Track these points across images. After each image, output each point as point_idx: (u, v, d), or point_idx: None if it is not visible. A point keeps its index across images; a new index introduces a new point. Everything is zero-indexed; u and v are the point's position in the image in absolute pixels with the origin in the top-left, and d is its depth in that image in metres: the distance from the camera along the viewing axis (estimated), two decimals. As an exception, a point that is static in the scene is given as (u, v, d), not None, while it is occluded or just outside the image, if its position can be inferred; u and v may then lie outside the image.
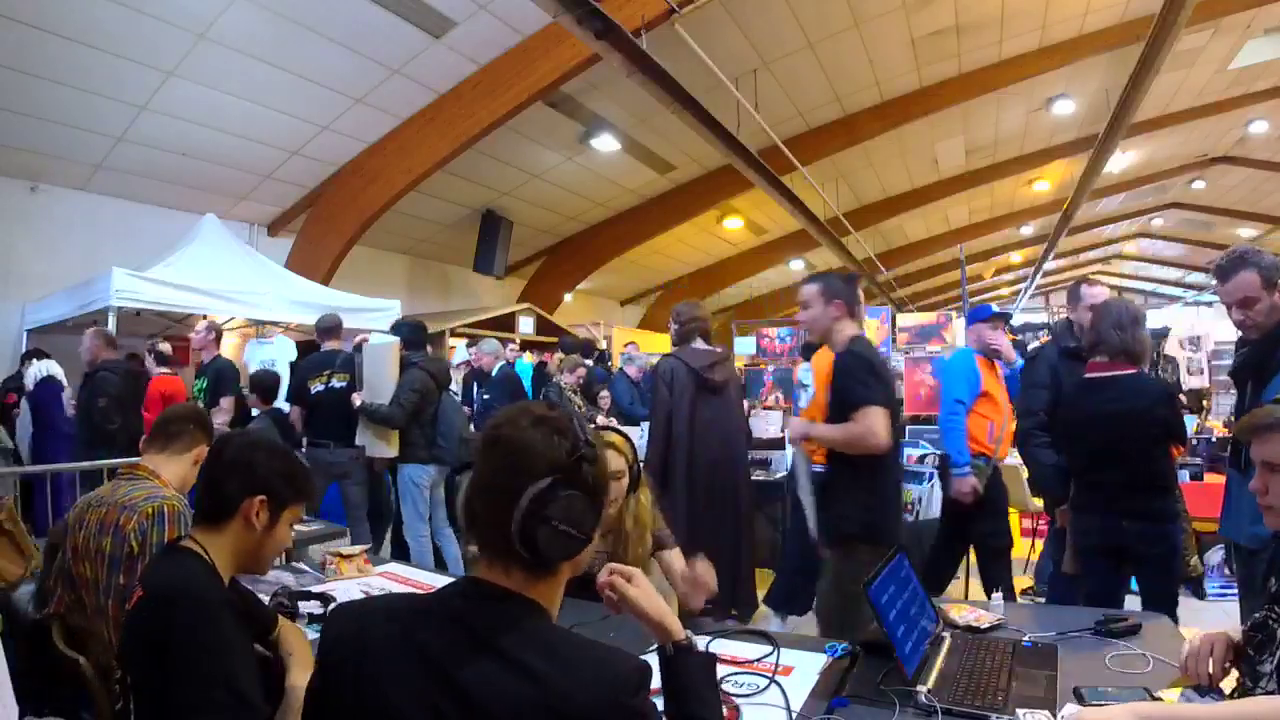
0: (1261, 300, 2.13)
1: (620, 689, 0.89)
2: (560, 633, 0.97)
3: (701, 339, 3.92)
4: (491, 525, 0.96)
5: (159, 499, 1.78)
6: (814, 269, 16.52)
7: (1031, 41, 7.77)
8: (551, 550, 0.95)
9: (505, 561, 0.98)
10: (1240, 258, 2.20)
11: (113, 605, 1.71)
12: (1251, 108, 9.93)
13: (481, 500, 0.99)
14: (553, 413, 1.02)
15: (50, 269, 6.08)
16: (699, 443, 3.69)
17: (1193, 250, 18.40)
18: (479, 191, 8.83)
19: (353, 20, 5.37)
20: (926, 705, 1.36)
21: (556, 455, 0.97)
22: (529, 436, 0.97)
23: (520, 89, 6.13)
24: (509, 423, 1.00)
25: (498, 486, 0.96)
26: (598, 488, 1.01)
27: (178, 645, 1.20)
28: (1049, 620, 1.79)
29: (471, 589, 0.99)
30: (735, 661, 1.63)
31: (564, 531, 0.95)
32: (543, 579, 0.99)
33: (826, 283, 2.66)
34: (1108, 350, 2.61)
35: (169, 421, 2.01)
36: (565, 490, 0.95)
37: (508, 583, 0.97)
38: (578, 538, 0.97)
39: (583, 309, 13.38)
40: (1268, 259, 2.17)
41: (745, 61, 6.88)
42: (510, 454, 0.97)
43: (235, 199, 7.39)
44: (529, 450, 0.96)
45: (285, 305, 6.03)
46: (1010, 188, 13.14)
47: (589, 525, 0.98)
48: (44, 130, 5.68)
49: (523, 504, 0.93)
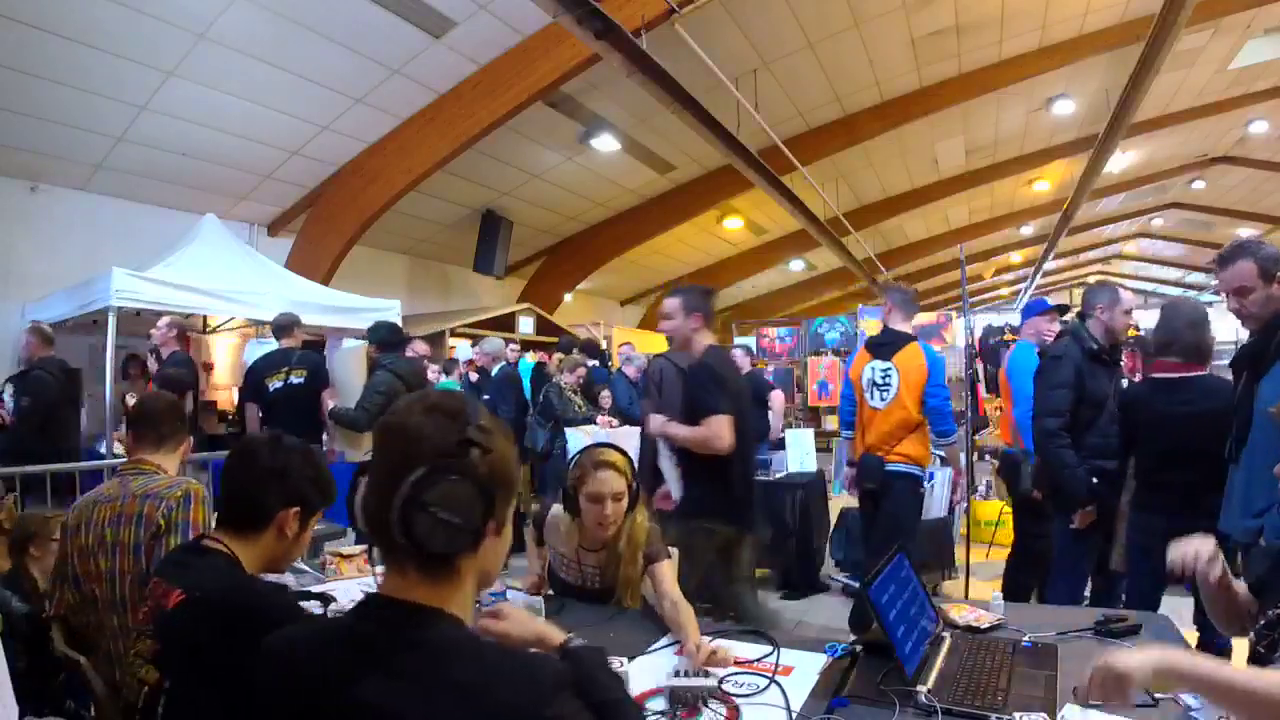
0: (1256, 290, 2.13)
1: (539, 700, 0.85)
2: (470, 645, 0.92)
3: None
4: (380, 518, 0.92)
5: (182, 484, 1.84)
6: (814, 269, 16.55)
7: (1031, 41, 7.77)
8: (432, 540, 0.90)
9: (400, 563, 0.94)
10: (1240, 247, 2.21)
11: (132, 589, 1.72)
12: (1251, 108, 9.93)
13: (372, 493, 0.95)
14: (447, 400, 0.98)
15: (50, 269, 6.07)
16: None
17: (1193, 250, 18.41)
18: (479, 191, 8.83)
19: (353, 20, 5.37)
20: (926, 705, 1.36)
21: (443, 441, 0.92)
22: (417, 423, 0.93)
23: (520, 89, 6.13)
24: (401, 411, 0.96)
25: (385, 476, 0.92)
26: (492, 478, 0.95)
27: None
28: (1049, 620, 1.79)
29: (372, 607, 0.95)
30: (735, 661, 1.63)
31: (444, 520, 0.90)
32: (443, 581, 0.94)
33: (687, 297, 2.91)
34: (1181, 350, 2.60)
35: (159, 423, 2.01)
36: (449, 476, 0.91)
37: (409, 592, 0.93)
38: (463, 528, 0.92)
39: (583, 309, 13.38)
40: (1268, 250, 2.16)
41: (745, 61, 6.88)
42: (397, 442, 0.93)
43: (235, 199, 7.39)
44: (415, 437, 0.92)
45: (285, 305, 6.01)
46: (1010, 188, 13.14)
47: (476, 516, 0.93)
48: (44, 130, 5.67)
49: (403, 490, 0.89)
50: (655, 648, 1.72)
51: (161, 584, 1.38)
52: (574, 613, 1.94)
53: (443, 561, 0.93)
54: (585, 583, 2.15)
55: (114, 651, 1.72)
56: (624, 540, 2.04)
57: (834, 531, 4.57)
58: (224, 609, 1.28)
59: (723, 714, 1.39)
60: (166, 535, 1.73)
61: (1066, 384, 2.92)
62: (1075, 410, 2.92)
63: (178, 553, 1.52)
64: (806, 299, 18.49)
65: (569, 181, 9.13)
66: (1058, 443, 2.91)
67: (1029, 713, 1.27)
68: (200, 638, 1.26)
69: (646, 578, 2.06)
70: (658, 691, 1.46)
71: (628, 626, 1.85)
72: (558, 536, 2.18)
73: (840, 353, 6.84)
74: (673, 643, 1.75)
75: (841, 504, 4.75)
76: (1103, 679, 1.10)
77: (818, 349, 6.81)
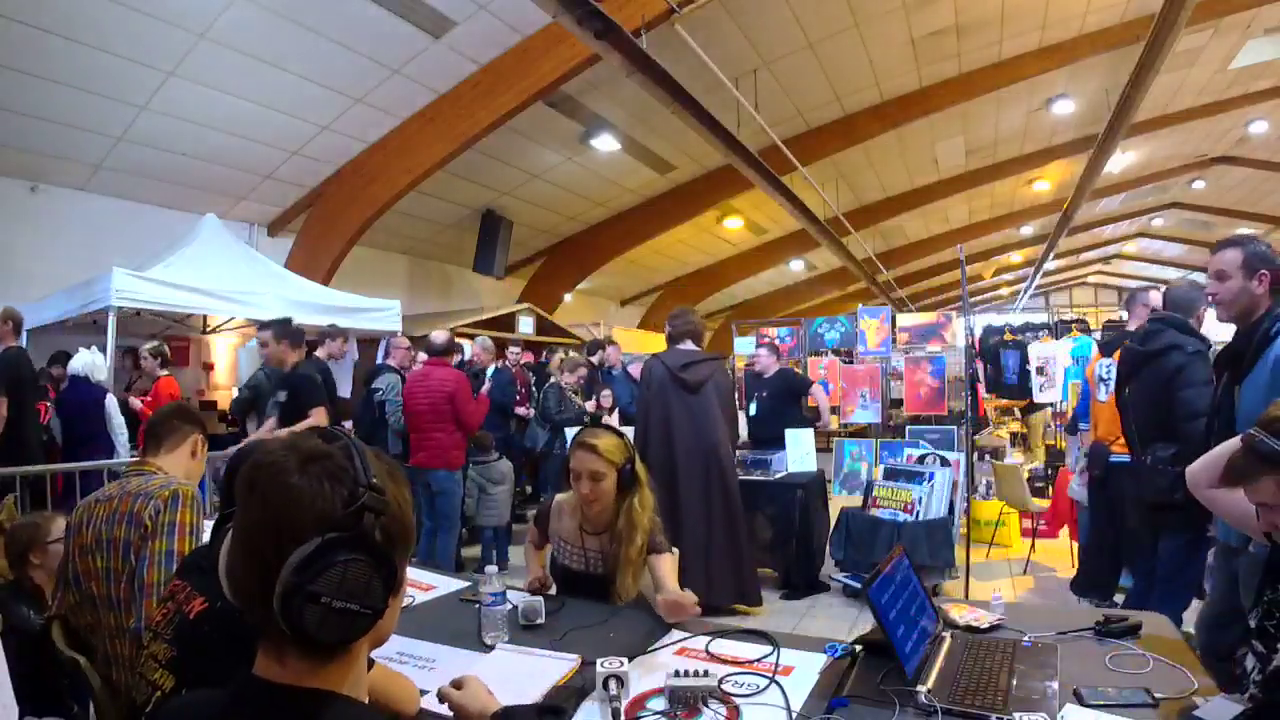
0: (1234, 279, 2.13)
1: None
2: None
3: (691, 342, 4.17)
4: (253, 597, 0.76)
5: (173, 484, 1.84)
6: (814, 269, 16.55)
7: (1031, 41, 7.77)
8: (325, 633, 0.75)
9: (277, 644, 0.78)
10: (1236, 237, 2.23)
11: (127, 588, 1.73)
12: (1251, 108, 9.94)
13: (243, 562, 0.78)
14: (329, 448, 0.80)
15: (50, 269, 6.07)
16: (672, 438, 3.98)
17: (1193, 250, 18.41)
18: (479, 191, 8.83)
19: (353, 20, 5.37)
20: (926, 705, 1.36)
21: (328, 507, 0.76)
22: (294, 484, 0.76)
23: (520, 89, 6.13)
24: (270, 465, 0.78)
25: (256, 549, 0.76)
26: (390, 541, 0.80)
27: None
28: (1049, 620, 1.79)
29: (246, 691, 0.80)
30: (735, 661, 1.62)
31: (340, 609, 0.75)
32: (333, 663, 0.80)
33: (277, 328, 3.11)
34: None
35: (156, 425, 2.07)
36: (340, 555, 0.75)
37: (283, 675, 0.78)
38: (362, 613, 0.77)
39: (583, 309, 13.38)
40: (1258, 247, 2.16)
41: (745, 61, 6.89)
42: (270, 507, 0.76)
43: (235, 199, 7.39)
44: (292, 502, 0.76)
45: (285, 305, 6.01)
46: (1010, 188, 13.14)
47: (377, 594, 0.78)
48: (44, 130, 5.68)
49: (284, 575, 0.73)
50: (655, 648, 1.72)
51: (184, 588, 1.36)
52: (574, 612, 1.94)
53: (335, 646, 0.79)
54: (588, 566, 2.18)
55: (112, 652, 1.72)
56: (623, 519, 2.09)
57: (834, 531, 4.57)
58: (247, 624, 1.25)
59: (723, 714, 1.38)
60: (151, 536, 1.73)
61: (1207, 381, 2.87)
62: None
63: (204, 558, 1.48)
64: (806, 299, 18.50)
65: (569, 181, 9.13)
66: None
67: (1029, 713, 1.27)
68: (219, 650, 1.23)
69: (647, 571, 2.08)
70: (658, 691, 1.46)
71: (628, 626, 1.85)
72: (561, 520, 2.25)
73: (840, 352, 6.82)
74: (673, 642, 1.75)
75: (841, 504, 4.75)
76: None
77: (818, 349, 6.80)
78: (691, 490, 3.93)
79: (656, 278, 14.61)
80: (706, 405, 4.02)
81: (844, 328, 6.78)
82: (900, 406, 6.67)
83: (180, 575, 1.42)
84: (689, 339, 4.18)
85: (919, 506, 4.33)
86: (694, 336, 4.20)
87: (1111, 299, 24.51)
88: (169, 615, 1.35)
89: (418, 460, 4.61)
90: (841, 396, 6.25)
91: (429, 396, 4.60)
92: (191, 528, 1.80)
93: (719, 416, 4.05)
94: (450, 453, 4.62)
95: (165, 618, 1.36)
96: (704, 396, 4.02)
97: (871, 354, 6.40)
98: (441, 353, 4.72)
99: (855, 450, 5.81)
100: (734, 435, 4.38)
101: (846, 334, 6.74)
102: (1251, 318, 2.11)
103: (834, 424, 6.01)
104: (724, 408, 4.15)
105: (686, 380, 4.01)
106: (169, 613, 1.35)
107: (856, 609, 4.09)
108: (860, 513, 4.51)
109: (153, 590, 1.68)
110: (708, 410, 4.02)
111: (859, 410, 6.26)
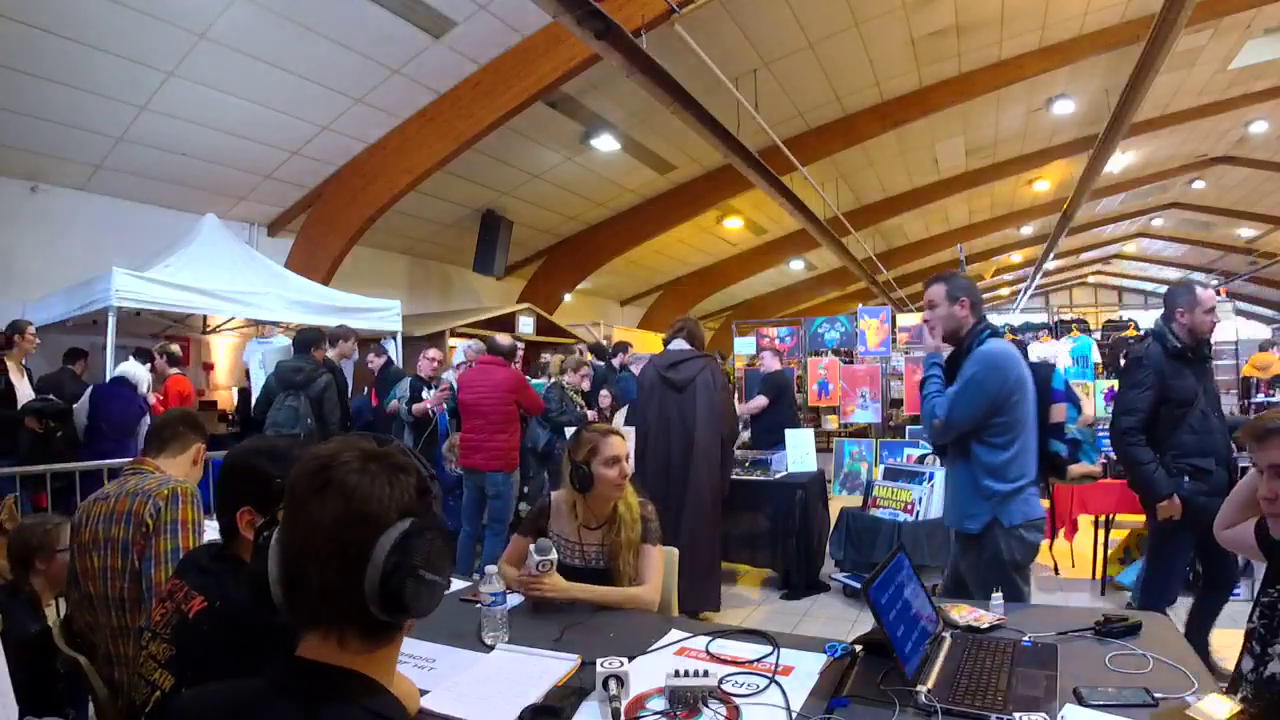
0: (940, 306, 2.49)
1: None
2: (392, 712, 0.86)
3: (687, 342, 4.17)
4: (333, 590, 0.82)
5: (171, 483, 1.86)
6: (814, 269, 16.55)
7: (1031, 41, 7.77)
8: (419, 604, 0.85)
9: (341, 631, 0.84)
10: (941, 275, 2.55)
11: (128, 587, 1.73)
12: (1251, 108, 9.93)
13: (316, 562, 0.83)
14: (384, 448, 0.90)
15: (50, 269, 6.08)
16: (658, 437, 4.02)
17: (1193, 250, 18.41)
18: (479, 191, 8.83)
19: (353, 20, 5.37)
20: (926, 705, 1.36)
21: (405, 495, 0.86)
22: (371, 479, 0.85)
23: (520, 89, 6.13)
24: (342, 465, 0.85)
25: (340, 541, 0.82)
26: (445, 522, 0.93)
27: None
28: (1049, 620, 1.79)
29: (296, 669, 0.85)
30: (735, 661, 1.63)
31: (430, 581, 0.85)
32: (381, 646, 0.87)
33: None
34: None
35: (161, 428, 2.08)
36: (426, 534, 0.85)
37: (339, 657, 0.84)
38: (441, 584, 0.88)
39: (583, 309, 13.39)
40: (958, 280, 2.51)
41: (745, 61, 6.88)
42: (353, 500, 0.83)
43: (235, 199, 7.39)
44: (374, 495, 0.84)
45: (285, 305, 6.03)
46: (1010, 188, 13.14)
47: (448, 567, 0.89)
48: (44, 130, 5.67)
49: (377, 558, 0.81)
50: (655, 648, 1.72)
51: (183, 587, 1.35)
52: (574, 611, 1.94)
53: (395, 628, 0.88)
54: (588, 564, 2.19)
55: (112, 652, 1.72)
56: (623, 505, 2.19)
57: (834, 531, 4.57)
58: (246, 623, 1.23)
59: (723, 714, 1.38)
60: (154, 535, 1.74)
61: (1147, 385, 3.04)
62: (1159, 410, 3.03)
63: (202, 557, 1.47)
64: (806, 299, 18.51)
65: (569, 181, 9.13)
66: (1129, 440, 3.05)
67: (1029, 713, 1.27)
68: (219, 649, 1.23)
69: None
70: (658, 691, 1.46)
71: (628, 626, 1.85)
72: (560, 519, 2.26)
73: (840, 352, 6.83)
74: (673, 642, 1.75)
75: (841, 504, 4.75)
76: None
77: (818, 349, 6.81)
78: (669, 492, 3.91)
79: (656, 278, 14.61)
80: (693, 405, 4.00)
81: (844, 328, 6.79)
82: (900, 406, 6.67)
83: (178, 574, 1.42)
84: (680, 337, 4.18)
85: (919, 506, 4.34)
86: (687, 335, 4.17)
87: (1111, 299, 24.53)
88: (167, 615, 1.35)
89: (473, 463, 4.64)
90: (842, 396, 6.24)
91: (493, 392, 4.65)
92: (194, 525, 1.81)
93: (705, 415, 3.99)
94: (510, 454, 4.68)
95: (164, 617, 1.35)
96: (690, 395, 4.01)
97: (871, 354, 6.41)
98: (505, 355, 4.89)
99: (855, 450, 5.82)
100: (730, 433, 4.33)
101: (846, 334, 6.74)
102: (959, 335, 2.49)
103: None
104: (715, 405, 4.06)
105: (673, 380, 4.04)
106: (167, 612, 1.35)
107: (856, 609, 4.09)
108: (860, 513, 4.51)
109: (161, 590, 1.68)
110: (694, 410, 4.00)
111: (859, 410, 6.26)
